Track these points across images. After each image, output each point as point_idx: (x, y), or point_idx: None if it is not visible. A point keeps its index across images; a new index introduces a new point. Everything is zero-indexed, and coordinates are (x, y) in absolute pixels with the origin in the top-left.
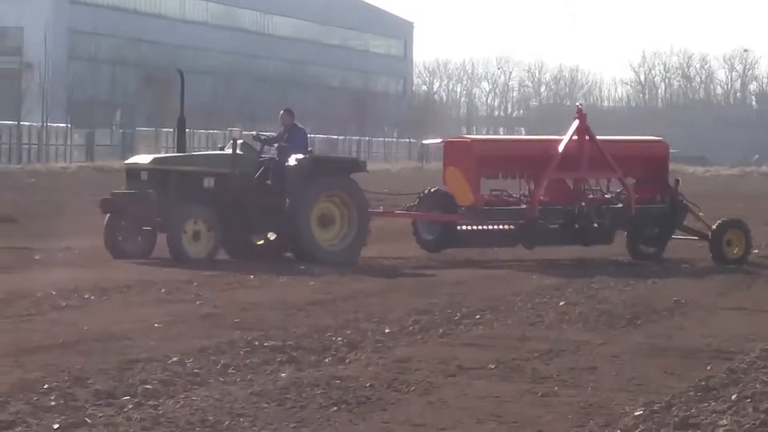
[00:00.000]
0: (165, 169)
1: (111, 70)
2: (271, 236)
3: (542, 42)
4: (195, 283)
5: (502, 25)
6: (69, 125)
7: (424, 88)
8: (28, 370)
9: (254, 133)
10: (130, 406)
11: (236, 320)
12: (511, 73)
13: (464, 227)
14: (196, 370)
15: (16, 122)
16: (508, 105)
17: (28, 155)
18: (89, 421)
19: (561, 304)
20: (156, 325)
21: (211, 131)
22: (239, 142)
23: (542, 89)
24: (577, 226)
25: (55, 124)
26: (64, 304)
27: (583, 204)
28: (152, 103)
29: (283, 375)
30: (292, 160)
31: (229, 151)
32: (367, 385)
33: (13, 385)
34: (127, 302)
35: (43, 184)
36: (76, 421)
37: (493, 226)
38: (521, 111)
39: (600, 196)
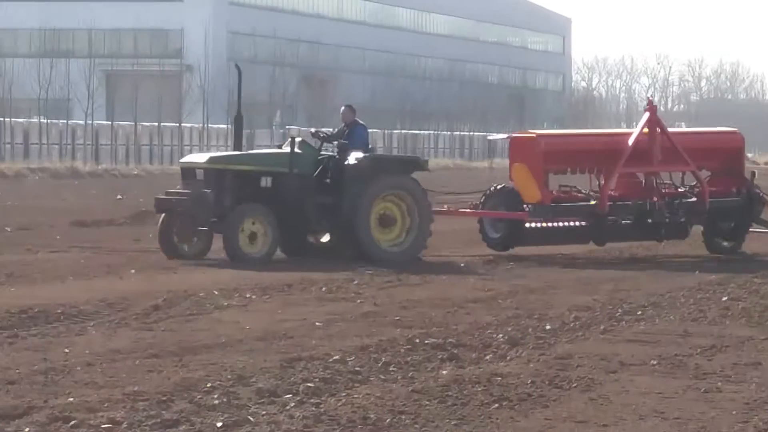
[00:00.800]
0: (221, 168)
1: (270, 71)
2: (325, 238)
3: (702, 37)
4: (355, 282)
5: (660, 20)
6: (229, 126)
7: (583, 84)
8: (192, 369)
9: (313, 130)
10: (292, 404)
11: (397, 318)
12: (670, 67)
13: (532, 225)
14: (357, 368)
15: (177, 124)
16: (668, 100)
17: None
18: (252, 419)
19: (724, 299)
20: (317, 323)
21: (371, 130)
22: (297, 140)
23: (702, 84)
24: (650, 221)
25: (215, 126)
26: (226, 303)
27: (655, 198)
28: (311, 102)
29: (444, 372)
30: (352, 159)
31: (287, 149)
32: (528, 382)
33: (177, 384)
34: (288, 301)
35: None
36: (239, 420)
37: (561, 223)
38: (681, 106)
39: (673, 190)
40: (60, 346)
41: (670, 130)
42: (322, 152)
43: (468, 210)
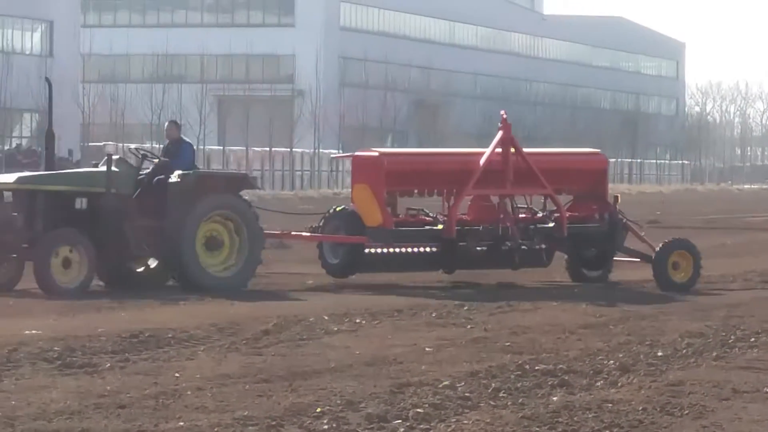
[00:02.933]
0: (31, 190)
1: (381, 96)
2: (152, 263)
3: None
4: (465, 307)
5: None
6: (340, 151)
7: (697, 109)
8: (302, 394)
9: (133, 146)
10: (402, 430)
11: (507, 344)
12: None
13: (373, 250)
14: (467, 394)
15: (288, 149)
16: None
17: (301, 181)
18: None
19: None
20: (427, 348)
21: None
22: (115, 157)
23: None
24: (505, 247)
25: (326, 150)
26: (336, 328)
27: (509, 224)
28: (423, 128)
29: (554, 399)
30: (174, 177)
31: (103, 168)
32: (640, 408)
33: (287, 408)
34: (398, 326)
35: (316, 209)
36: None
37: (407, 249)
38: None
39: (530, 215)
40: (171, 370)
41: (529, 150)
42: (142, 171)
43: (304, 234)
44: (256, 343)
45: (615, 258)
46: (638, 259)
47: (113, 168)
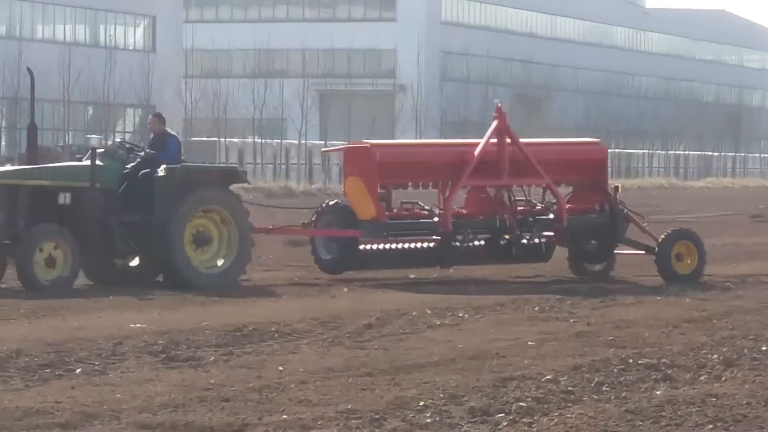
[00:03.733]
0: (13, 184)
1: (483, 90)
2: (134, 262)
3: None
4: (569, 301)
5: None
6: None
7: None
8: (404, 387)
9: (118, 140)
10: (505, 424)
11: (610, 338)
12: None
13: (367, 246)
14: (569, 388)
15: None
16: None
17: None
18: None
19: None
20: (530, 342)
21: None
22: (99, 151)
23: None
24: (503, 241)
25: None
26: (438, 322)
27: (506, 216)
28: (525, 122)
29: (657, 392)
30: (162, 171)
31: (87, 162)
32: (744, 402)
33: (389, 402)
34: (501, 320)
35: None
36: None
37: (402, 244)
38: None
39: (528, 207)
40: (274, 363)
41: (526, 140)
42: (128, 165)
43: (295, 228)
44: (359, 336)
45: (617, 251)
46: (641, 251)
47: (97, 162)
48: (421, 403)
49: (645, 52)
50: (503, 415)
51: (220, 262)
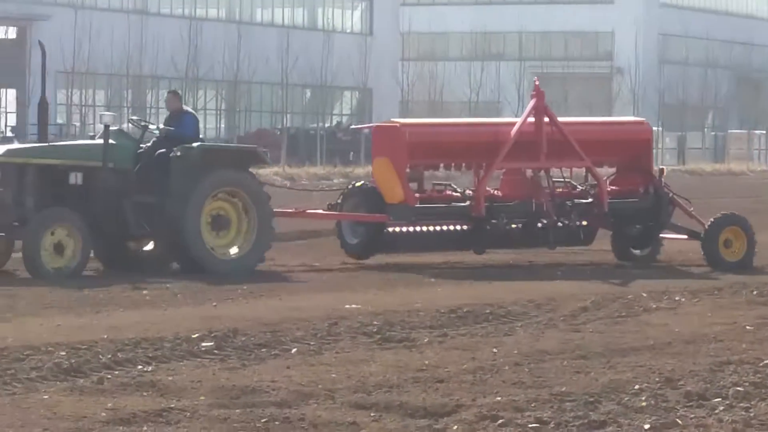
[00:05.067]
0: (21, 163)
1: (702, 73)
2: (148, 246)
3: None
4: None
5: None
6: (660, 128)
7: None
8: (620, 371)
9: (134, 117)
10: (721, 408)
11: None
12: None
13: (394, 229)
14: None
15: None
16: None
17: None
18: (680, 422)
19: None
20: (747, 327)
21: None
22: (113, 128)
23: None
24: (541, 225)
25: None
26: (654, 306)
27: (543, 199)
28: (745, 105)
29: None
30: (178, 151)
31: (100, 140)
32: None
33: (605, 385)
34: (718, 304)
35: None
36: (666, 422)
37: (432, 227)
38: None
39: (568, 189)
40: (488, 345)
41: (565, 119)
42: (143, 144)
43: (319, 211)
44: (573, 319)
45: (662, 235)
46: (686, 237)
47: (111, 141)
48: (637, 387)
49: None
50: (720, 399)
51: (234, 250)
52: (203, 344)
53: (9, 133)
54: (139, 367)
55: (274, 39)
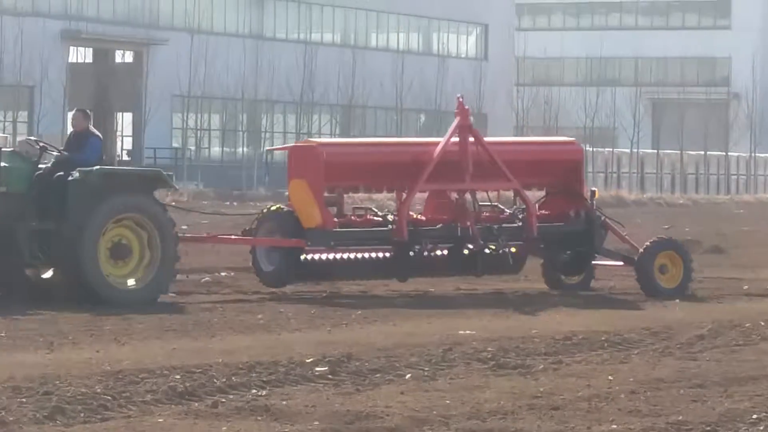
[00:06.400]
0: None
1: None
2: (47, 273)
3: None
4: None
5: None
6: None
7: None
8: (737, 400)
9: (31, 138)
10: None
11: None
12: None
13: (312, 255)
14: None
15: (723, 153)
16: None
17: (736, 186)
18: None
19: None
20: None
21: None
22: (6, 150)
23: None
24: (467, 251)
25: (763, 155)
26: None
27: (468, 224)
28: None
29: None
30: (76, 173)
31: None
32: None
33: (722, 414)
34: None
35: (751, 214)
36: None
37: (351, 254)
38: None
39: (495, 213)
40: (604, 373)
41: (492, 139)
42: (41, 165)
43: (232, 236)
44: (690, 347)
45: (594, 262)
46: (620, 263)
47: (3, 163)
48: (755, 416)
49: None
50: None
51: (131, 281)
52: (317, 369)
53: (125, 157)
54: (254, 391)
55: (388, 63)
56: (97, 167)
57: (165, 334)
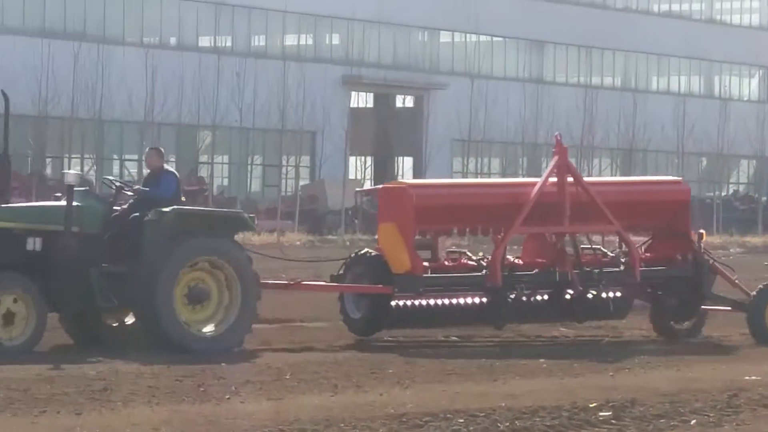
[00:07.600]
0: None
1: None
2: (129, 319)
3: None
4: None
5: None
6: None
7: None
8: None
9: (109, 177)
10: None
11: None
12: None
13: (401, 302)
14: None
15: None
16: None
17: None
18: None
19: None
20: None
21: None
22: (80, 189)
23: None
24: (567, 296)
25: None
26: None
27: (567, 268)
28: None
29: None
30: (152, 214)
31: (63, 202)
32: None
33: None
34: None
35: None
36: None
37: (442, 300)
38: None
39: (596, 257)
40: None
41: (592, 179)
42: (117, 206)
43: (316, 283)
44: None
45: (703, 307)
46: (729, 308)
47: (77, 203)
48: None
49: None
50: None
51: (209, 328)
52: (601, 414)
53: None
54: None
55: (669, 107)
56: (173, 207)
57: (447, 378)
